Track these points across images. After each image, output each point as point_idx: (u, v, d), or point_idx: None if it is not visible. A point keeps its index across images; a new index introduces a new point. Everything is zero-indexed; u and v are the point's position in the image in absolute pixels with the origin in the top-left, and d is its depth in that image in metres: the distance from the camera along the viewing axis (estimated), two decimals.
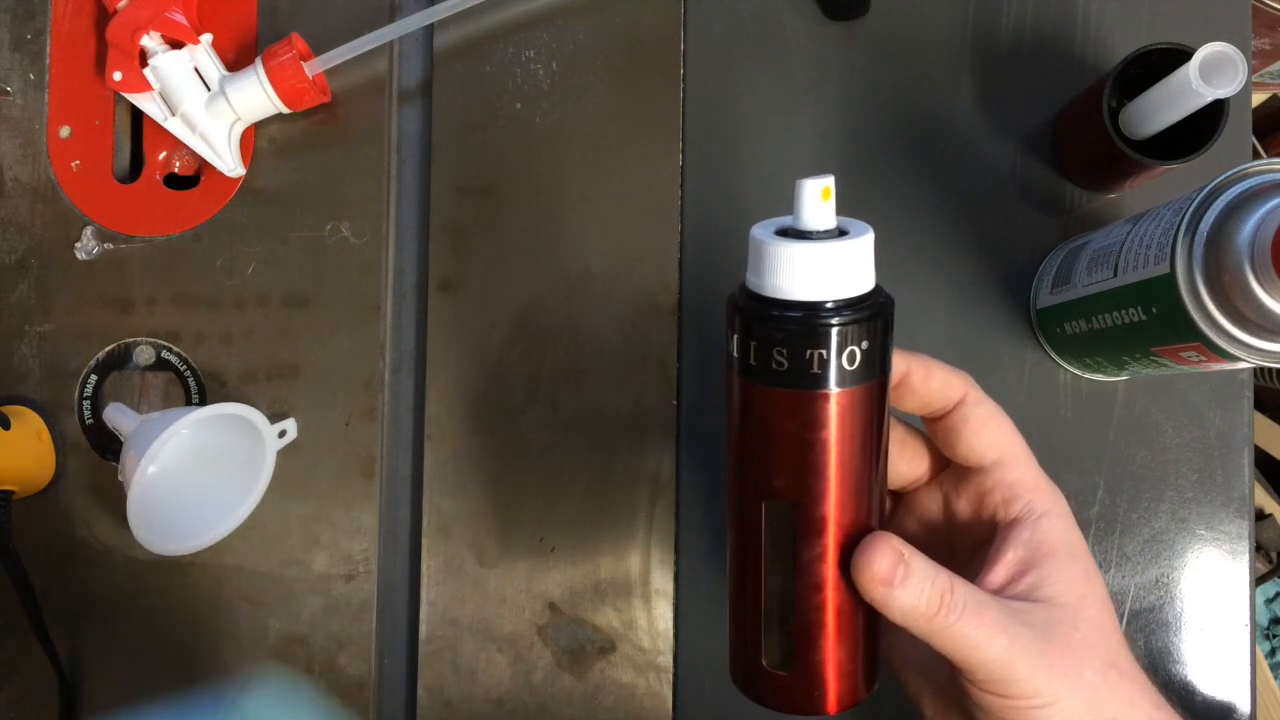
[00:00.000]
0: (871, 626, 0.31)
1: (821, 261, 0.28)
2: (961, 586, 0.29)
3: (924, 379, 0.32)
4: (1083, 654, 0.30)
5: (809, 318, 0.28)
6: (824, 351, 0.28)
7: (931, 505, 0.36)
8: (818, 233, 0.28)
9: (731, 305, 0.30)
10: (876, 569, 0.29)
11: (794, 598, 0.30)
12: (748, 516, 0.30)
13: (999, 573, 0.31)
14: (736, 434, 0.30)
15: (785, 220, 0.30)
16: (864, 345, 0.28)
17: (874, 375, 0.29)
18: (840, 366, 0.28)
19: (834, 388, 0.28)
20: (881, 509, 0.31)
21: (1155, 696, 0.31)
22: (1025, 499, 0.32)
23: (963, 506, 0.34)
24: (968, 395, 0.33)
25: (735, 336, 0.29)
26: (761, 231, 0.29)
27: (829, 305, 0.28)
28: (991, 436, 0.33)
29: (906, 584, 0.29)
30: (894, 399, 0.32)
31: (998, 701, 0.30)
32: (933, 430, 0.34)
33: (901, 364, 0.32)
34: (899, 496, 0.37)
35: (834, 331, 0.27)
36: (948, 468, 0.36)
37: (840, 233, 0.29)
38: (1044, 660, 0.29)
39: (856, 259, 0.28)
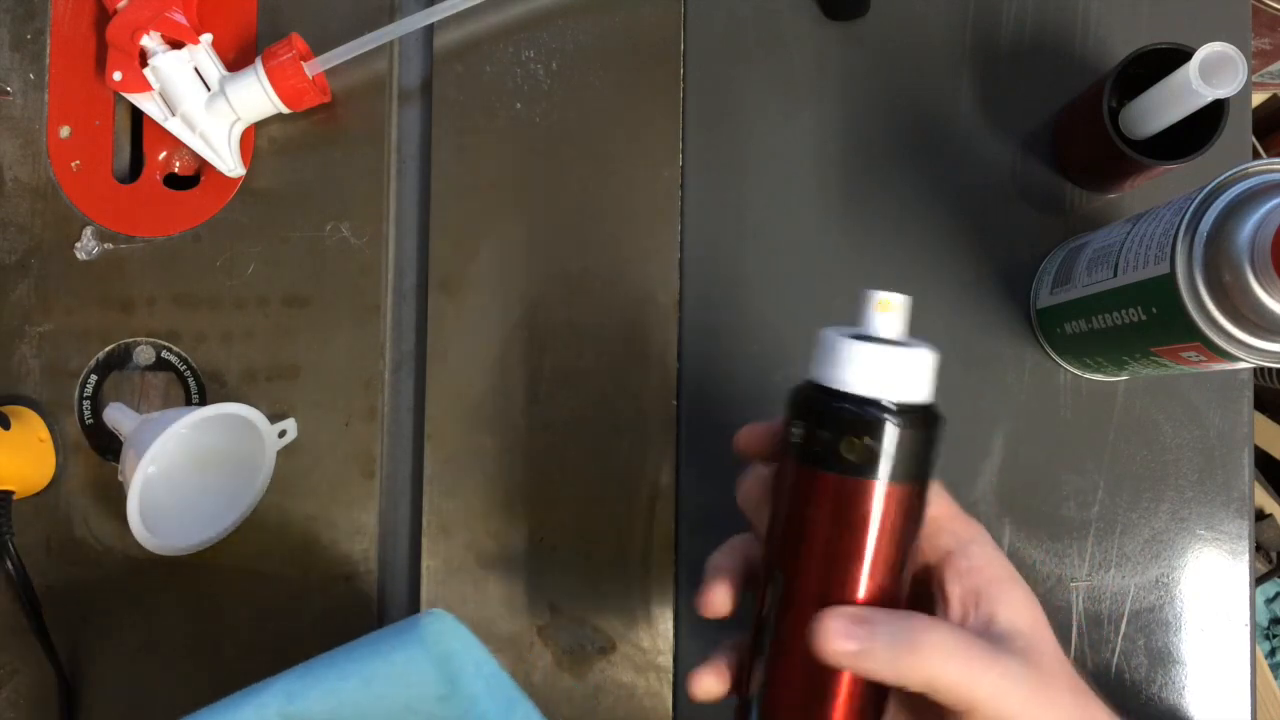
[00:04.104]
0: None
1: (886, 362, 0.30)
2: (943, 624, 0.30)
3: None
4: (1054, 679, 0.30)
5: (869, 409, 0.29)
6: (876, 444, 0.29)
7: None
8: (886, 339, 0.30)
9: (796, 393, 0.32)
10: (832, 627, 0.29)
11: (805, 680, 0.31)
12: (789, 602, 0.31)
13: (953, 610, 0.31)
14: (784, 516, 0.31)
15: (854, 329, 0.31)
16: (912, 447, 0.30)
17: (918, 478, 0.30)
18: (888, 461, 0.29)
19: (880, 479, 0.30)
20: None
21: (1111, 714, 0.32)
22: (949, 529, 0.33)
23: None
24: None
25: (795, 421, 0.31)
26: (833, 331, 0.31)
27: (888, 403, 0.30)
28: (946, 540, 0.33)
29: (876, 635, 0.29)
30: None
31: None
32: None
33: None
34: None
35: (888, 426, 0.29)
36: None
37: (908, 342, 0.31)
38: (1032, 691, 0.29)
39: (918, 369, 0.30)
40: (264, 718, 0.35)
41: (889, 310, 0.31)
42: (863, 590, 0.30)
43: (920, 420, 0.30)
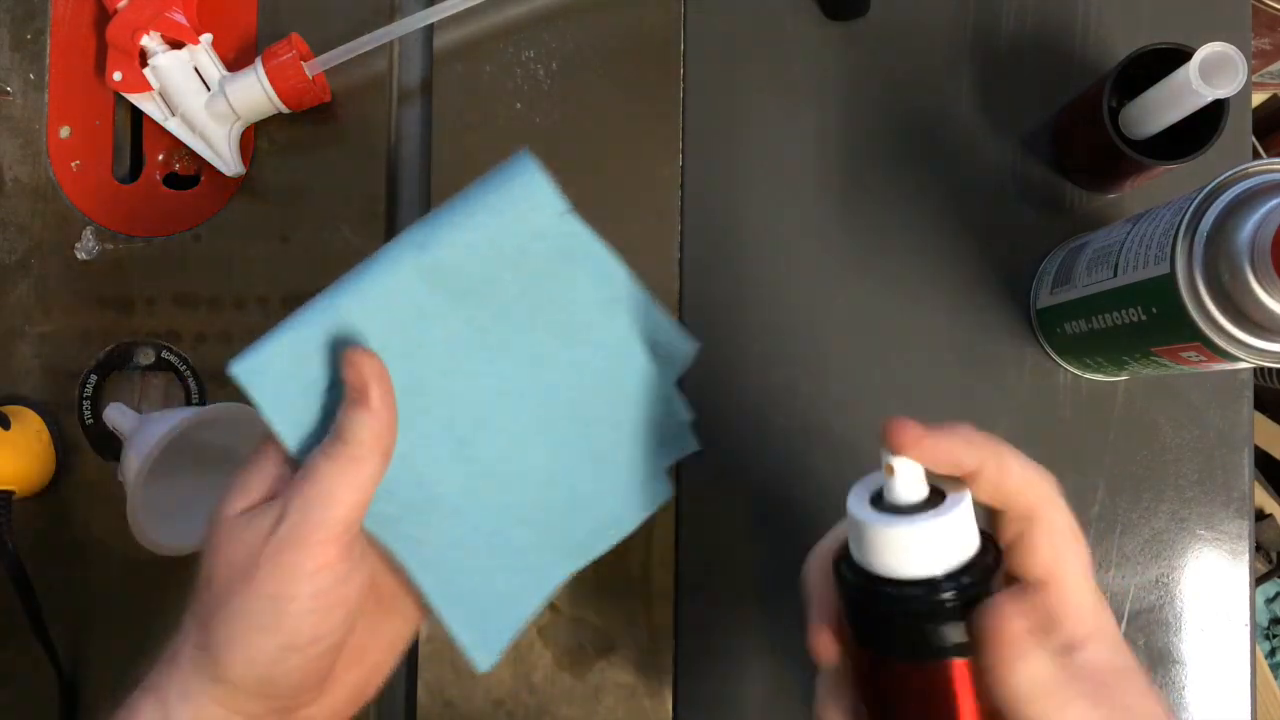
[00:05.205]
0: None
1: (923, 539, 0.27)
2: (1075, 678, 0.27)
3: (998, 483, 0.29)
4: None
5: (918, 594, 0.27)
6: (935, 625, 0.27)
7: None
8: (911, 506, 0.28)
9: (840, 579, 0.29)
10: (1014, 627, 0.26)
11: None
12: None
13: None
14: (869, 703, 0.30)
15: (877, 480, 0.29)
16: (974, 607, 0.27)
17: None
18: (952, 636, 0.27)
19: (952, 657, 0.27)
20: None
21: None
22: (1068, 627, 0.30)
23: None
24: (1038, 514, 0.30)
25: (848, 610, 0.29)
26: (858, 506, 0.28)
27: (938, 578, 0.27)
28: (1045, 557, 0.30)
29: (1036, 652, 0.26)
30: (968, 483, 0.29)
31: None
32: (996, 524, 0.32)
33: (973, 459, 0.29)
34: None
35: (943, 604, 0.27)
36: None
37: (936, 495, 0.28)
38: None
39: (957, 529, 0.28)
40: (399, 273, 0.34)
41: (895, 475, 0.28)
42: None
43: (977, 576, 0.27)
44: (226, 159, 0.52)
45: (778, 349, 0.51)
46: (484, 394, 0.35)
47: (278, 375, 0.33)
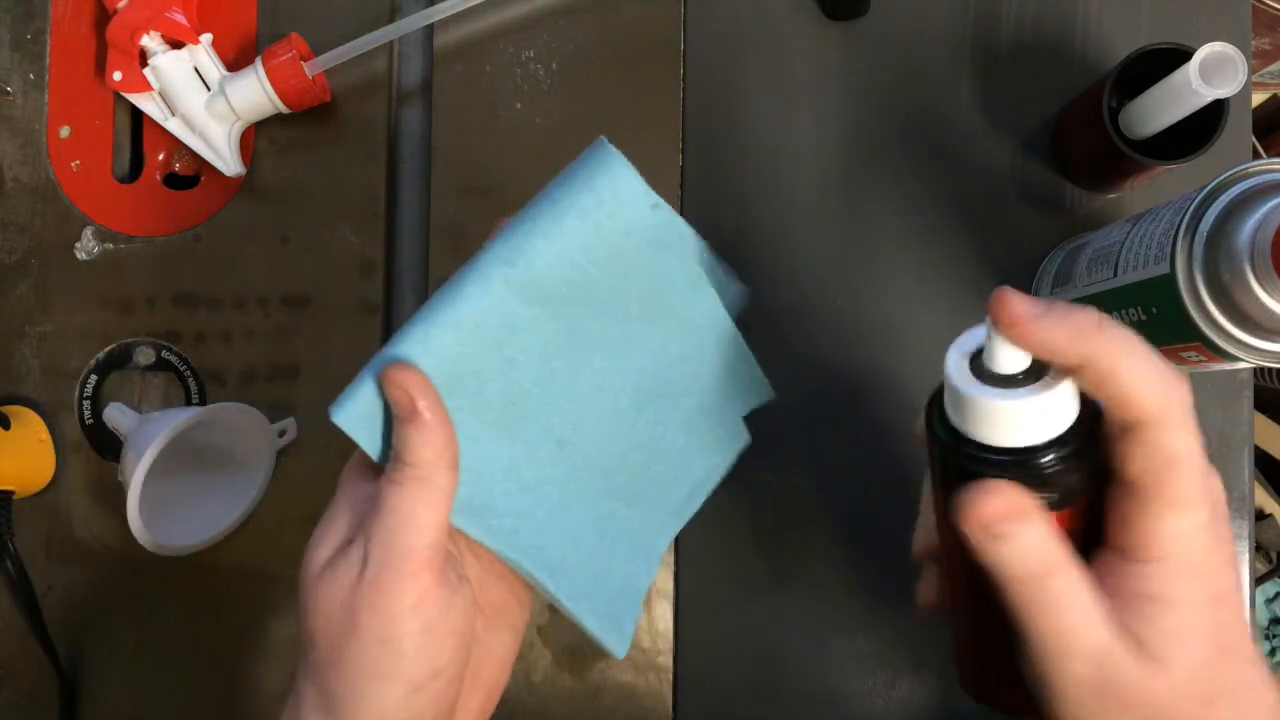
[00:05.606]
0: None
1: (1024, 414, 0.27)
2: (1077, 568, 0.27)
3: (1098, 384, 0.26)
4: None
5: (1015, 461, 0.27)
6: (1038, 490, 0.27)
7: None
8: (1013, 377, 0.27)
9: (933, 437, 0.29)
10: (984, 510, 0.26)
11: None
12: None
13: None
14: (959, 568, 0.30)
15: (978, 338, 0.29)
16: (1074, 474, 0.27)
17: (1085, 490, 0.28)
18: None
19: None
20: None
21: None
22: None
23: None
24: (1151, 426, 0.26)
25: (938, 468, 0.29)
26: (957, 370, 0.28)
27: (1037, 447, 0.27)
28: (1138, 474, 0.27)
29: (1018, 534, 0.26)
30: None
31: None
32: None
33: (1076, 353, 0.26)
34: None
35: (1046, 471, 0.27)
36: None
37: (1038, 369, 0.27)
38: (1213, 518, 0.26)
39: (1058, 404, 0.27)
40: (490, 293, 0.33)
41: (997, 348, 0.27)
42: None
43: (1077, 443, 0.27)
44: (226, 159, 0.52)
45: (776, 349, 0.51)
46: (581, 391, 0.36)
47: (381, 416, 0.33)
